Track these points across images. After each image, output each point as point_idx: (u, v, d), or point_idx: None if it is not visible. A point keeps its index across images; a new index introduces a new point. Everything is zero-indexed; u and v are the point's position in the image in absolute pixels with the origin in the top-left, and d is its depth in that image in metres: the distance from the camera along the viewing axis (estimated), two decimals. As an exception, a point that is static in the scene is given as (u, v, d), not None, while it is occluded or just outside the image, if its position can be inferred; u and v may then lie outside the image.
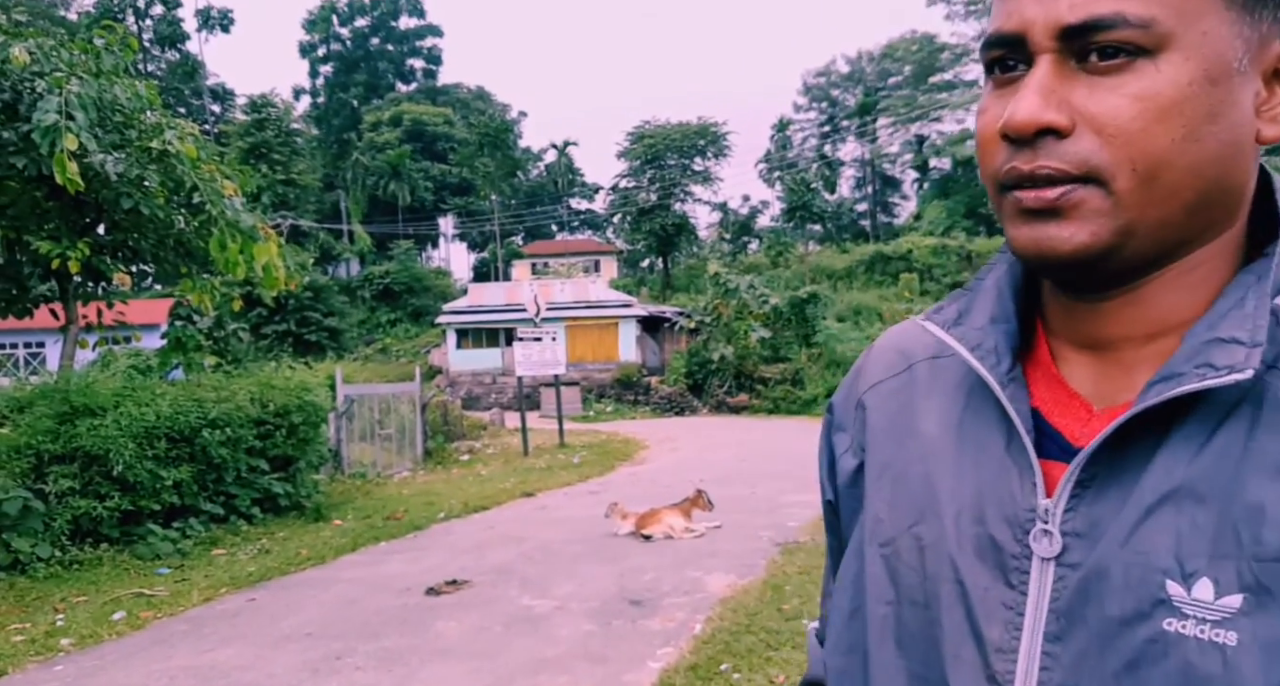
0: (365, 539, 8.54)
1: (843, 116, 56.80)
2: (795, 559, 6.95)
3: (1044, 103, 0.56)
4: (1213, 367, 0.55)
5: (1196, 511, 0.54)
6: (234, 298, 10.48)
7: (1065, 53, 0.57)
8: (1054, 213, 0.57)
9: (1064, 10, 0.56)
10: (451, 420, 18.24)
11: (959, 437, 0.67)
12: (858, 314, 32.68)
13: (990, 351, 0.65)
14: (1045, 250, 0.58)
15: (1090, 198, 0.56)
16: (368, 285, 42.03)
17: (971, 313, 0.69)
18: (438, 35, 67.74)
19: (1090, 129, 0.56)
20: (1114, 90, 0.55)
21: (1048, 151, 0.57)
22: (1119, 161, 0.55)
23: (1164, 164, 0.55)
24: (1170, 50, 0.54)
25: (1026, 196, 0.58)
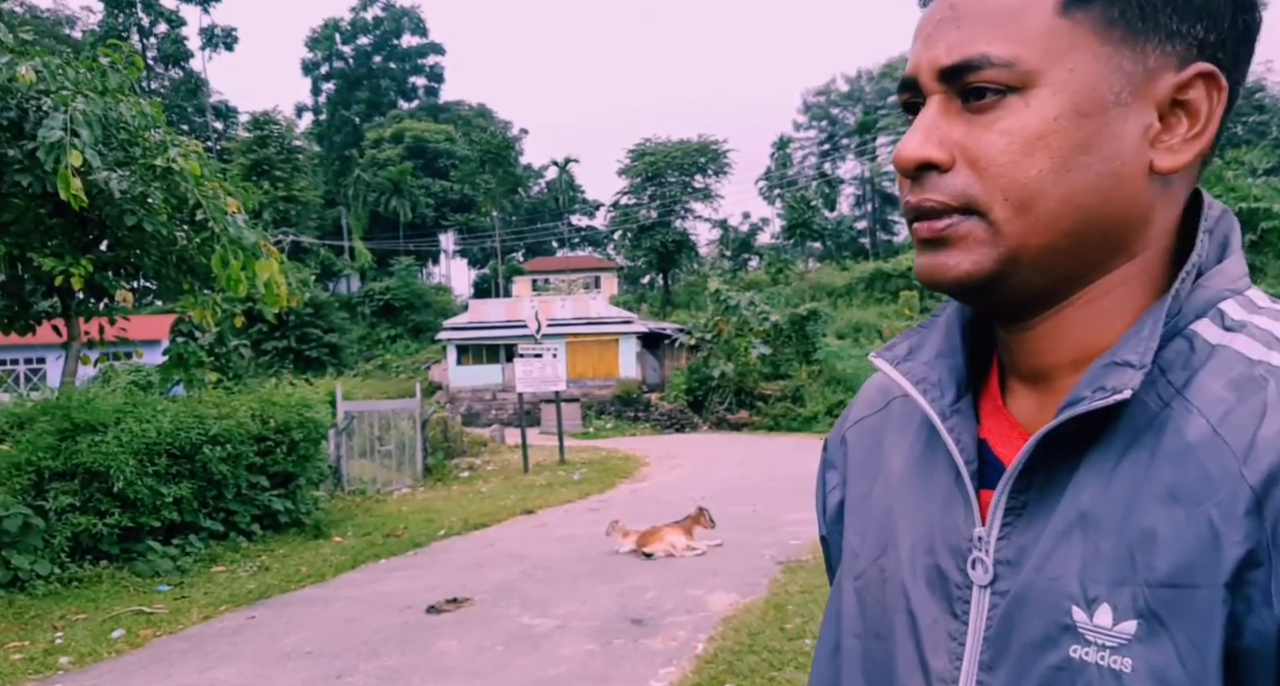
0: (365, 556, 8.50)
1: (842, 135, 57.12)
2: (798, 577, 6.91)
3: (924, 139, 0.60)
4: (1104, 390, 0.57)
5: (1100, 537, 0.55)
6: (236, 314, 10.50)
7: (950, 93, 0.60)
8: (943, 242, 0.61)
9: (941, 53, 0.60)
10: (451, 437, 18.20)
11: (916, 471, 0.69)
12: (858, 331, 32.70)
13: (934, 385, 0.68)
14: (936, 277, 0.62)
15: (974, 228, 0.60)
16: (368, 301, 42.09)
17: (923, 348, 0.71)
18: (440, 53, 68.29)
19: (966, 163, 0.59)
20: (987, 126, 0.59)
21: (931, 185, 0.61)
22: (991, 192, 0.59)
23: (1035, 194, 0.58)
24: (1037, 87, 0.57)
25: (921, 228, 0.62)
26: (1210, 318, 0.60)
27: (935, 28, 0.61)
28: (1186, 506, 0.53)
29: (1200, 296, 0.60)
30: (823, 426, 25.35)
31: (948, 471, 0.66)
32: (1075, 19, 0.58)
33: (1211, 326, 0.60)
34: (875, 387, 0.81)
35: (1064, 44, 0.57)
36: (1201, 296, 0.60)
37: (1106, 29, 0.58)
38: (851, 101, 57.85)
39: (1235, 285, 0.62)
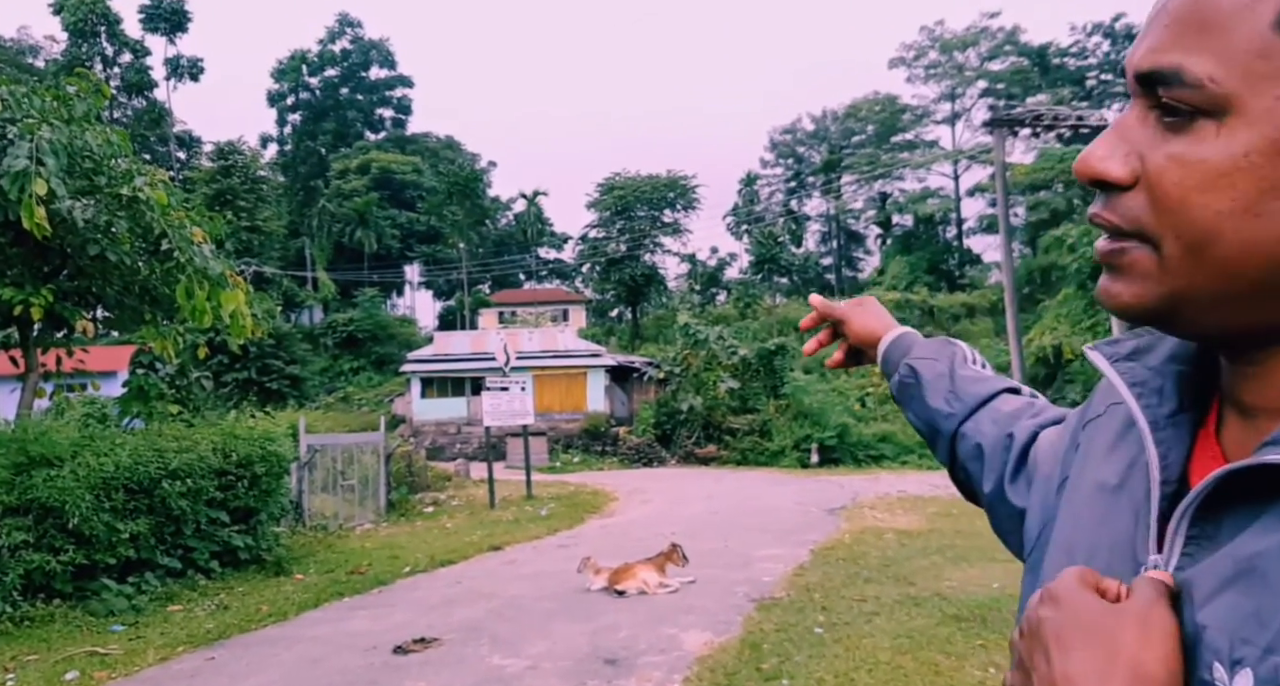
0: (328, 594, 8.29)
1: (808, 172, 58.10)
2: (772, 615, 6.86)
3: (1109, 151, 0.55)
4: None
5: (1264, 596, 0.49)
6: (199, 345, 10.30)
7: (1149, 99, 0.54)
8: (1111, 266, 0.57)
9: (1141, 54, 0.53)
10: (416, 471, 17.93)
11: (1119, 479, 0.64)
12: (824, 366, 32.96)
13: (1155, 391, 0.61)
14: (1102, 301, 0.58)
15: (1142, 258, 0.54)
16: (331, 332, 41.61)
17: (1153, 350, 0.65)
18: (408, 86, 68.44)
19: (1145, 186, 0.53)
20: (1169, 149, 0.52)
21: (1110, 202, 0.56)
22: (1163, 227, 0.53)
23: (1209, 235, 0.51)
24: (1235, 115, 0.49)
25: (1098, 247, 0.58)
26: None
27: (1155, 17, 0.54)
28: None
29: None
30: (790, 461, 25.42)
31: (1144, 485, 0.60)
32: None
33: None
34: (1105, 386, 0.73)
35: (1275, 67, 0.49)
36: None
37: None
38: (817, 140, 58.91)
39: None
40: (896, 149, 53.99)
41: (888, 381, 1.17)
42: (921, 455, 27.08)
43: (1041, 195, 43.37)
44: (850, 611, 6.91)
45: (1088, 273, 26.35)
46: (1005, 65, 52.14)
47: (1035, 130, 19.49)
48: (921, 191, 52.06)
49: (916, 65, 54.09)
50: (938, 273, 46.54)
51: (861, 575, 8.38)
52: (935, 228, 52.14)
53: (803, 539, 10.75)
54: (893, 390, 1.14)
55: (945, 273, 47.66)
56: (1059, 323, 27.76)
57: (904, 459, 26.70)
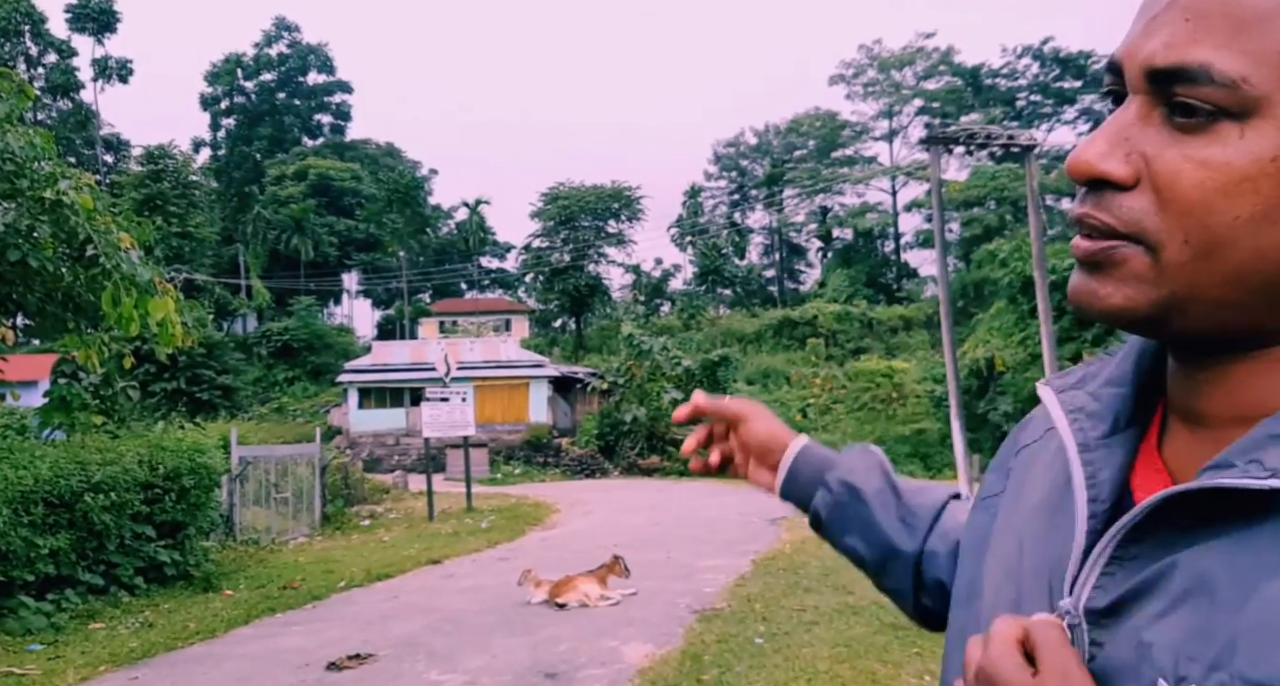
0: (259, 610, 8.08)
1: (751, 186, 58.88)
2: (713, 626, 6.87)
3: (1109, 149, 0.52)
4: (1260, 467, 0.49)
5: (1212, 613, 0.48)
6: (125, 354, 9.95)
7: (1155, 97, 0.51)
8: (1098, 266, 0.54)
9: (1157, 49, 0.51)
10: (352, 483, 17.61)
11: (1055, 502, 0.63)
12: (766, 377, 33.36)
13: (1089, 415, 0.60)
14: (1085, 303, 0.55)
15: (1133, 258, 0.52)
16: (265, 342, 40.62)
17: (1096, 376, 0.64)
18: (347, 91, 67.38)
19: (1151, 187, 0.51)
20: (1185, 150, 0.50)
21: (1104, 202, 0.53)
22: (1170, 230, 0.51)
23: (1223, 242, 0.49)
24: (1262, 117, 0.48)
25: (1076, 244, 0.55)
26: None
27: (1163, 11, 0.51)
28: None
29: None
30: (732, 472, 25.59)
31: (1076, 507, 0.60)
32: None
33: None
34: (1042, 413, 0.72)
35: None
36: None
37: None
38: (760, 154, 59.74)
39: None
40: (837, 164, 55.09)
41: (792, 502, 1.02)
42: (860, 465, 27.54)
43: (975, 211, 44.67)
44: (790, 621, 6.96)
45: (1019, 287, 27.16)
46: (940, 84, 53.68)
47: (969, 148, 20.07)
48: (861, 206, 53.17)
49: (855, 82, 55.36)
50: (876, 285, 47.53)
51: (802, 584, 8.46)
52: (874, 242, 53.27)
53: (745, 549, 10.82)
54: (819, 513, 0.99)
55: (884, 286, 48.69)
56: (991, 335, 28.55)
57: (843, 469, 27.13)
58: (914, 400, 30.57)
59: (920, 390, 30.78)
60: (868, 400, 31.14)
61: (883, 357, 34.36)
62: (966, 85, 53.38)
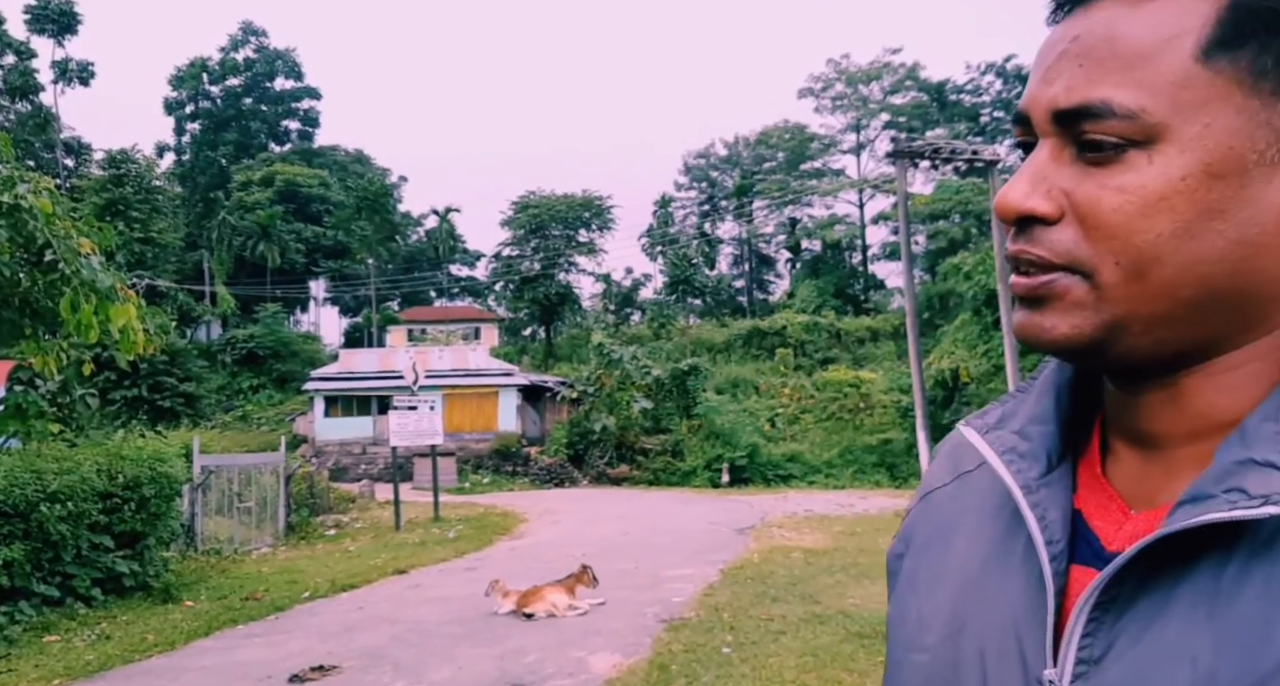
0: (220, 621, 7.95)
1: (721, 196, 59.14)
2: (681, 636, 6.87)
3: (1031, 189, 0.55)
4: (1245, 495, 0.49)
5: (1215, 662, 0.48)
6: (84, 361, 9.75)
7: (1064, 137, 0.55)
8: (1039, 300, 0.56)
9: (1058, 93, 0.54)
10: (318, 492, 17.40)
11: (1000, 546, 0.63)
12: (735, 386, 33.47)
13: (1022, 456, 0.61)
14: (1031, 338, 0.57)
15: (1073, 288, 0.54)
16: (230, 349, 39.96)
17: (1016, 415, 0.65)
18: (315, 97, 66.65)
19: (1075, 218, 0.54)
20: (1101, 180, 0.53)
21: (1034, 238, 0.55)
22: (1101, 254, 0.53)
23: (1150, 259, 0.52)
24: (1164, 142, 0.51)
25: (1016, 282, 0.57)
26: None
27: (1056, 60, 0.55)
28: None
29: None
30: (701, 480, 25.63)
31: (1034, 547, 0.59)
32: (1217, 68, 0.51)
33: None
34: (948, 455, 0.73)
35: (1201, 96, 0.51)
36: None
37: (1255, 80, 0.50)
38: (730, 165, 60.07)
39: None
40: (805, 176, 55.54)
41: None
42: (828, 475, 27.73)
43: (940, 224, 45.25)
44: (758, 630, 6.98)
45: (983, 299, 27.57)
46: (907, 99, 54.37)
47: (934, 163, 20.35)
48: (829, 218, 53.62)
49: (824, 96, 55.88)
50: (844, 297, 47.92)
51: (769, 594, 8.49)
52: (842, 253, 53.72)
53: (713, 558, 10.83)
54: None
55: (851, 297, 49.12)
56: (956, 347, 28.93)
57: (811, 478, 27.28)
58: (881, 410, 30.85)
59: (887, 400, 31.08)
60: (835, 410, 31.38)
61: (850, 368, 34.64)
62: (932, 100, 54.12)
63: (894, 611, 0.71)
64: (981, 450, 0.64)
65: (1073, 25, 0.55)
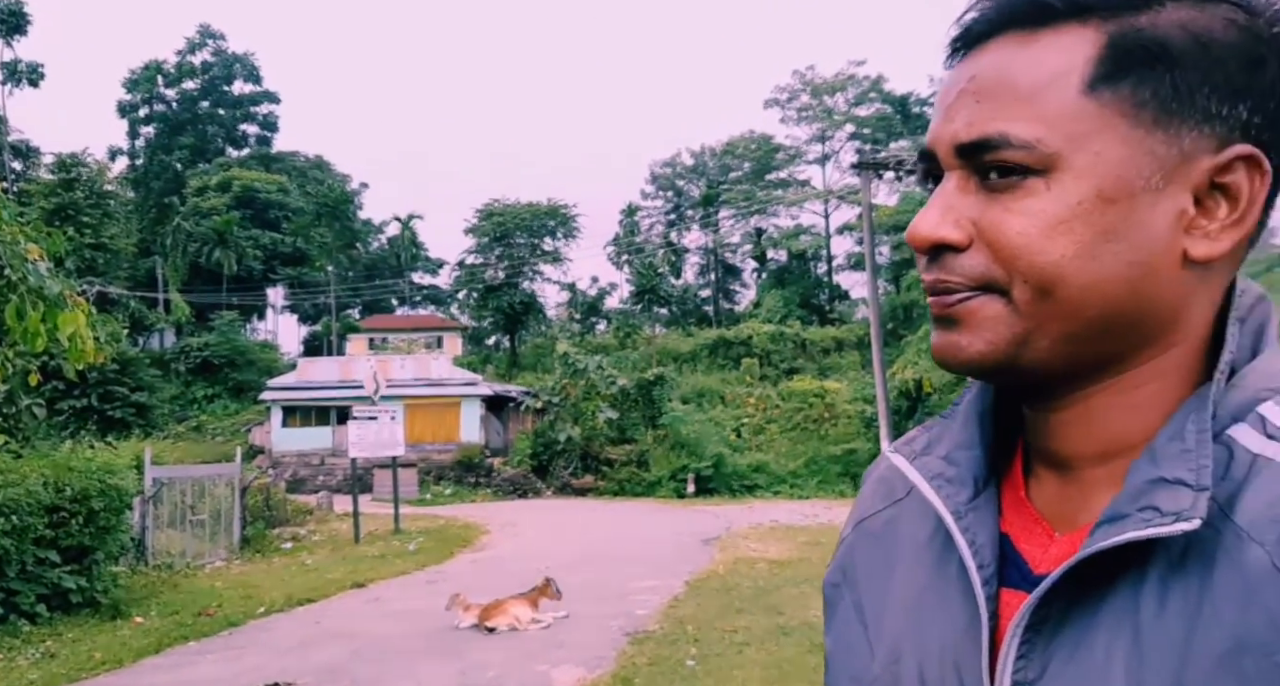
0: (171, 638, 7.78)
1: (687, 206, 59.38)
2: (645, 649, 6.81)
3: (941, 219, 0.58)
4: (1158, 513, 0.52)
5: (1142, 676, 0.51)
6: (31, 370, 9.45)
7: (968, 169, 0.58)
8: (955, 319, 0.59)
9: (960, 128, 0.57)
10: (274, 504, 17.12)
11: (934, 571, 0.65)
12: (701, 396, 33.52)
13: (949, 481, 0.63)
14: (948, 356, 0.59)
15: (987, 304, 0.57)
16: (184, 357, 39.19)
17: (941, 441, 0.67)
18: (274, 102, 65.75)
19: (984, 244, 0.57)
20: (1005, 207, 0.56)
21: (947, 265, 0.58)
22: (1010, 275, 0.56)
23: (1055, 279, 0.55)
24: (1059, 171, 0.55)
25: (933, 303, 0.60)
26: (1249, 422, 0.54)
27: (955, 99, 0.59)
28: (1255, 657, 0.48)
29: (1235, 397, 0.55)
30: (666, 491, 25.58)
31: (965, 572, 0.61)
32: (1102, 100, 0.55)
33: (1252, 433, 0.54)
34: (879, 481, 0.75)
35: (1089, 126, 0.55)
36: (1237, 397, 0.55)
37: (1136, 111, 0.55)
38: (696, 175, 60.32)
39: (1274, 384, 0.56)
40: (771, 186, 55.97)
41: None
42: (793, 485, 27.86)
43: (904, 236, 45.94)
44: (722, 642, 6.94)
45: (944, 310, 27.94)
46: (871, 111, 55.11)
47: (898, 174, 20.63)
48: (794, 228, 54.10)
49: (789, 107, 56.43)
50: (809, 307, 48.31)
51: (734, 605, 8.46)
52: (807, 263, 54.20)
53: (678, 570, 10.79)
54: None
55: (816, 307, 49.55)
56: (920, 357, 29.26)
57: (776, 488, 27.37)
58: (845, 420, 31.09)
59: (851, 410, 31.33)
60: (800, 420, 31.56)
61: (815, 378, 34.89)
62: (896, 112, 54.89)
63: (834, 640, 0.72)
64: (911, 476, 0.66)
65: (969, 66, 0.59)
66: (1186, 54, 0.54)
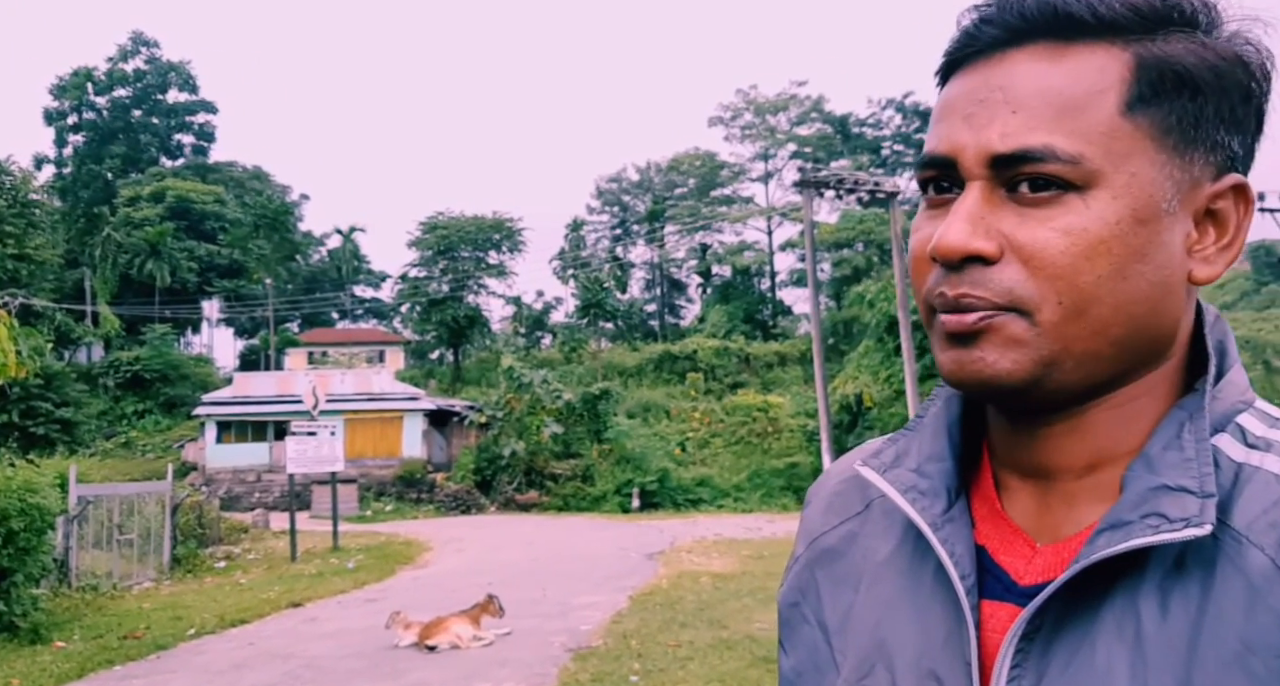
0: (95, 663, 7.49)
1: (633, 221, 59.59)
2: (588, 665, 6.76)
3: (972, 230, 0.56)
4: (1166, 519, 0.52)
5: (1148, 680, 0.52)
6: (-54, 383, 9.05)
7: (995, 181, 0.57)
8: (974, 337, 0.57)
9: (995, 139, 0.56)
10: (207, 522, 16.65)
11: (907, 582, 0.64)
12: (647, 410, 33.54)
13: (924, 493, 0.63)
14: (967, 376, 0.57)
15: (1010, 324, 0.56)
16: (113, 372, 37.83)
17: (909, 453, 0.67)
18: (211, 111, 64.22)
19: (1018, 258, 0.56)
20: (1043, 222, 0.55)
21: (973, 279, 0.56)
22: (1045, 294, 0.55)
23: (1091, 299, 0.55)
24: (1098, 188, 0.54)
25: (949, 321, 0.57)
26: (1230, 433, 0.57)
27: (981, 108, 0.57)
28: (1264, 658, 0.49)
29: (1217, 409, 0.58)
30: (611, 505, 25.49)
31: (942, 584, 0.61)
32: (1137, 121, 0.55)
33: (1234, 443, 0.57)
34: (833, 496, 0.74)
35: (1126, 146, 0.55)
36: (1218, 409, 0.58)
37: (1163, 135, 0.55)
38: (642, 190, 60.57)
39: (1245, 396, 0.59)
40: (716, 203, 56.50)
41: None
42: (737, 498, 28.01)
43: (845, 253, 46.68)
44: (665, 657, 6.93)
45: (885, 326, 28.49)
46: (812, 130, 56.09)
47: (839, 192, 21.04)
48: (739, 244, 54.64)
49: (733, 125, 57.13)
50: (753, 322, 48.76)
51: (677, 620, 8.46)
52: (751, 279, 54.74)
53: (622, 585, 10.75)
54: None
55: (760, 322, 50.04)
56: (860, 372, 29.76)
57: (720, 502, 27.48)
58: (788, 434, 31.41)
59: (794, 424, 31.67)
60: (744, 434, 31.79)
61: (759, 392, 35.19)
62: (836, 132, 55.95)
63: (797, 661, 0.71)
64: (884, 489, 0.65)
65: (991, 75, 0.57)
66: (1207, 85, 0.56)
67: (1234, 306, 46.82)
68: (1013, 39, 0.57)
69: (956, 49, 0.60)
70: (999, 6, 0.58)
